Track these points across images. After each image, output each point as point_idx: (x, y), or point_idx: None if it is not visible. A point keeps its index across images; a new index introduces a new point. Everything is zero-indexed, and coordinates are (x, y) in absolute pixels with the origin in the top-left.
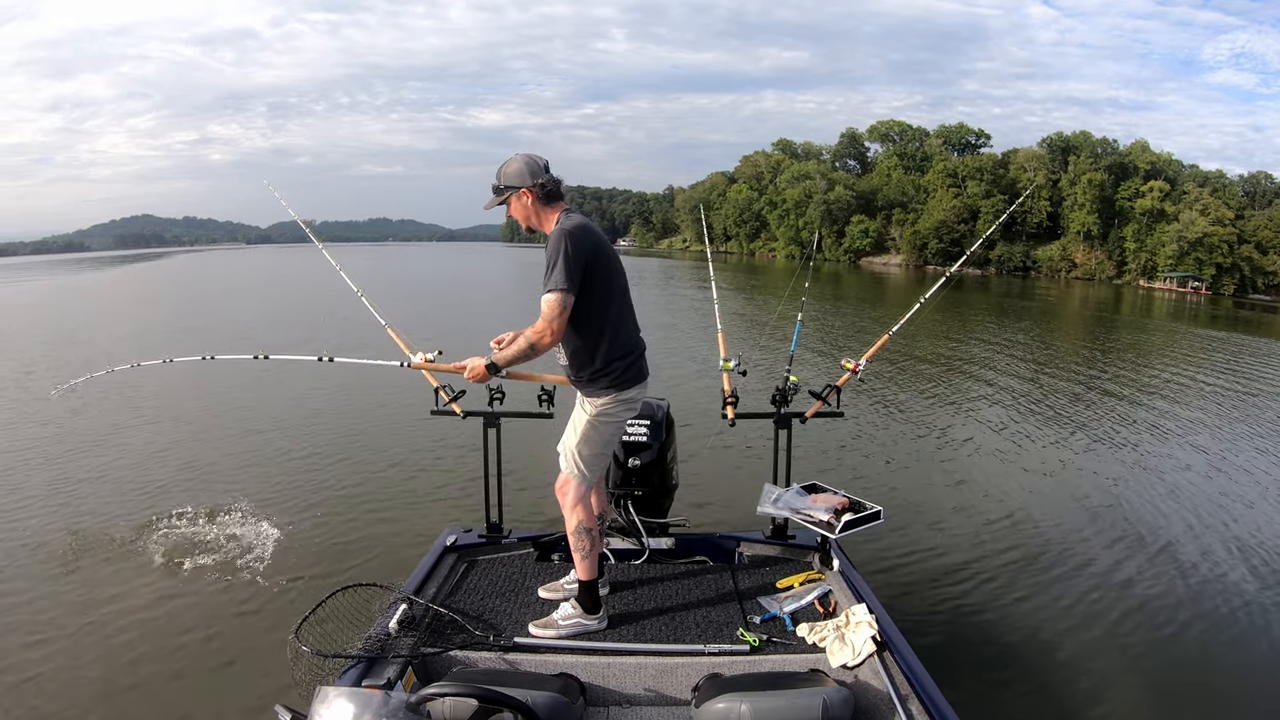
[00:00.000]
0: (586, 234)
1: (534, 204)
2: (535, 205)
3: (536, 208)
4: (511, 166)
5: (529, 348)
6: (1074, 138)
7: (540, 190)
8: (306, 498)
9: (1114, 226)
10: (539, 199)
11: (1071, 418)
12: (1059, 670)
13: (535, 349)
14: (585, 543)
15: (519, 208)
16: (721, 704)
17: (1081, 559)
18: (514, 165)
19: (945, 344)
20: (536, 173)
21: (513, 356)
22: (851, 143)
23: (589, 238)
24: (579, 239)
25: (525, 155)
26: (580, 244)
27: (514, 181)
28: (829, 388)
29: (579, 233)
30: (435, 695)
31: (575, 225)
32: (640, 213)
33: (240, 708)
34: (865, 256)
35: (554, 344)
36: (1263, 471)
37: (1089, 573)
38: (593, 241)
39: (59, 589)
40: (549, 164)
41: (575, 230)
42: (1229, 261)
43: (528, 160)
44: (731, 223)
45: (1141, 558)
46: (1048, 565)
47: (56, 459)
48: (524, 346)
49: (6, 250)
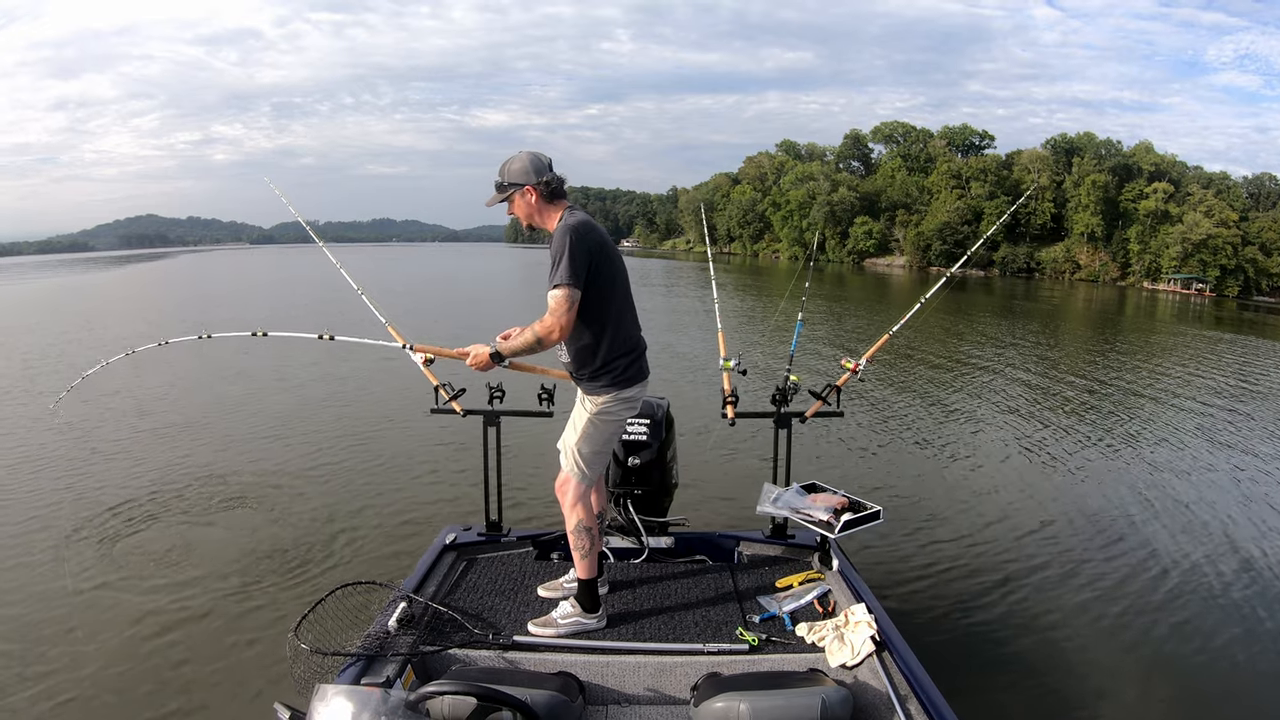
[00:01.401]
0: (590, 231)
1: (538, 201)
2: (539, 203)
3: (540, 205)
4: (516, 164)
5: (536, 341)
6: (1078, 139)
7: (544, 188)
8: (306, 496)
9: (1118, 228)
10: (543, 197)
11: (1072, 418)
12: (1059, 670)
13: (542, 343)
14: (585, 541)
15: (522, 205)
16: (720, 703)
17: (1081, 559)
18: (518, 162)
19: (946, 345)
20: (541, 170)
21: (519, 348)
22: (855, 144)
23: (593, 235)
24: (583, 235)
25: (529, 153)
26: (584, 240)
27: (518, 179)
28: (829, 387)
29: (583, 229)
30: (434, 693)
31: (579, 222)
32: (644, 214)
33: (239, 705)
34: (869, 258)
35: (561, 339)
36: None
37: (1089, 573)
38: (596, 239)
39: (59, 588)
40: (552, 162)
41: (579, 227)
42: (1233, 263)
43: (532, 158)
44: (735, 224)
45: (1141, 558)
46: (1047, 565)
47: (51, 460)
48: (530, 339)
49: (11, 250)
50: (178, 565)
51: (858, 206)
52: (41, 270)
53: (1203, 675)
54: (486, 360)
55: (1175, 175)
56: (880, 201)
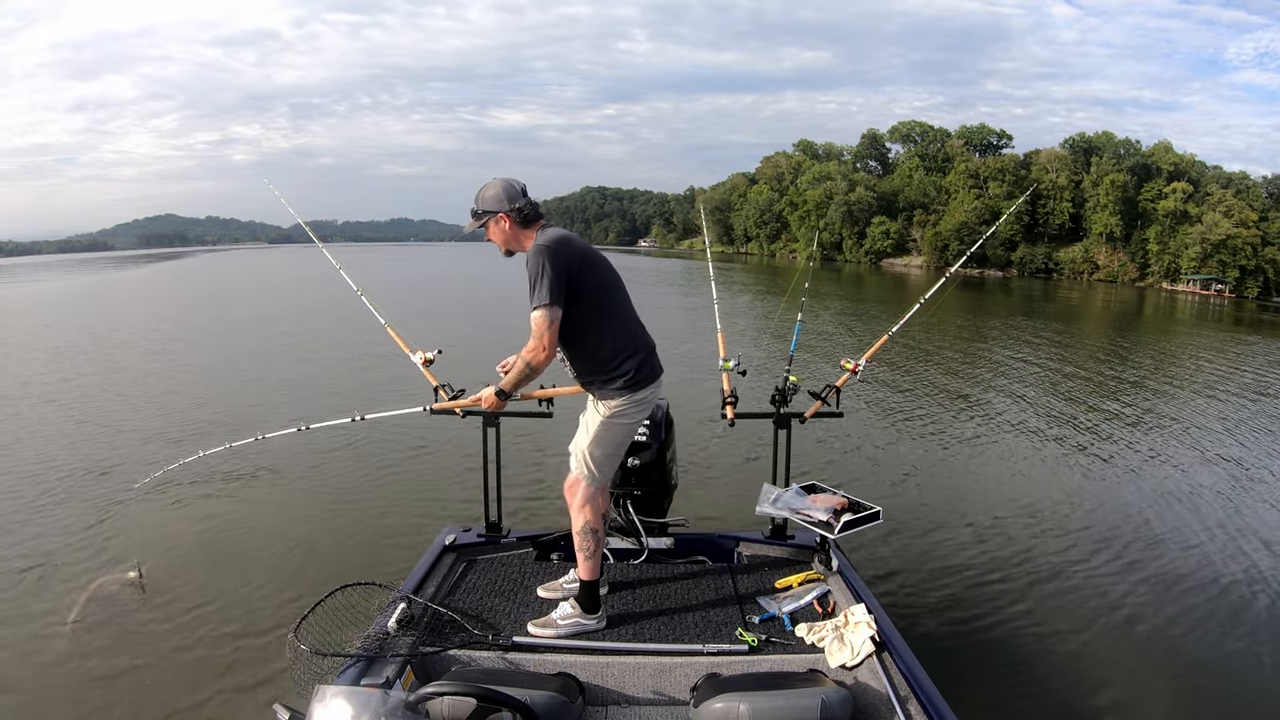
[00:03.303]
0: (564, 245)
1: (511, 228)
2: (513, 229)
3: (514, 231)
4: (489, 191)
5: (527, 367)
6: (1097, 138)
7: (518, 215)
8: (306, 496)
9: (1137, 228)
10: (516, 223)
11: (1076, 420)
12: (1059, 671)
13: (533, 366)
14: (590, 543)
15: (497, 232)
16: (720, 704)
17: (1081, 559)
18: (491, 190)
19: (952, 346)
20: (514, 197)
21: (515, 379)
22: (873, 143)
23: (566, 248)
24: (555, 252)
25: (502, 180)
26: (557, 256)
27: (491, 206)
28: (828, 388)
29: (555, 246)
30: (434, 694)
31: (551, 240)
32: (661, 214)
33: (239, 706)
34: (886, 258)
35: (549, 358)
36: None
37: (1090, 573)
38: (571, 250)
39: (56, 587)
40: (526, 188)
41: (551, 244)
42: (1253, 264)
43: (505, 185)
44: (752, 224)
45: (1143, 559)
46: (1048, 566)
47: (48, 452)
48: (523, 368)
49: (31, 249)
50: (175, 564)
51: (875, 206)
52: (68, 270)
53: (1203, 676)
54: (496, 400)
55: (1194, 175)
56: (898, 201)
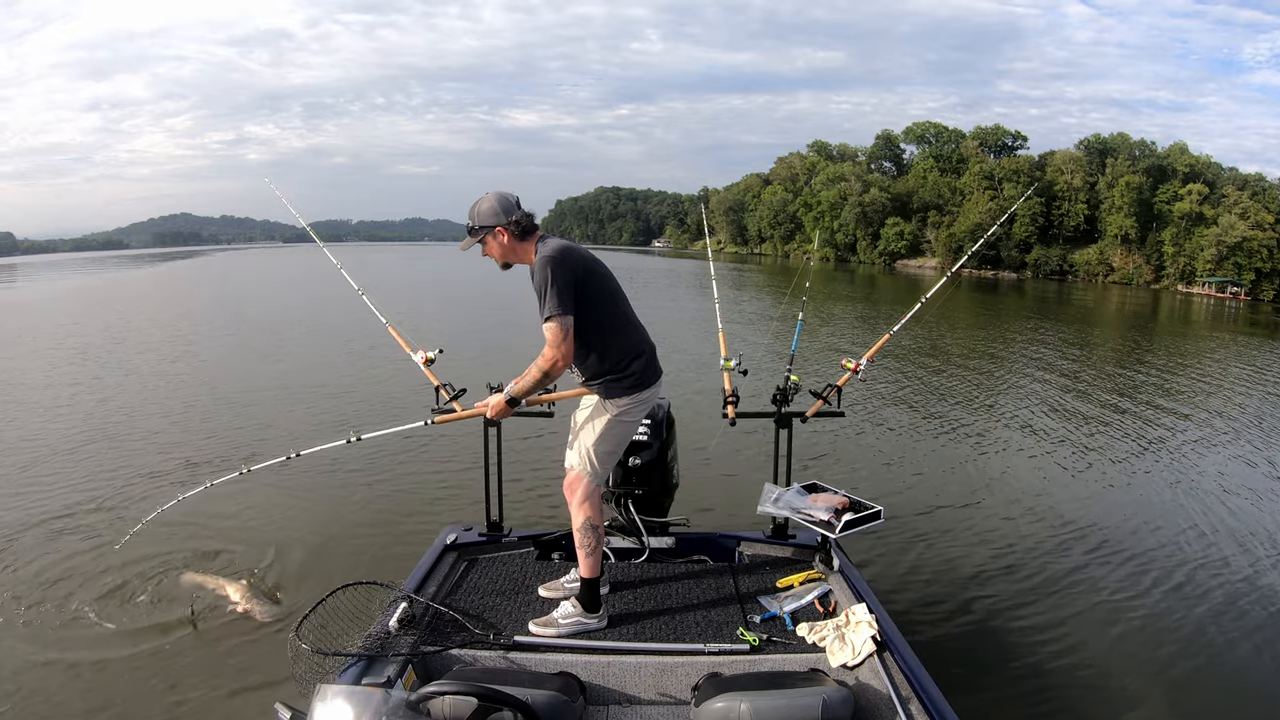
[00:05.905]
0: (568, 254)
1: (510, 241)
2: (511, 242)
3: (513, 244)
4: (484, 205)
5: (542, 375)
6: (1112, 139)
7: (515, 227)
8: (307, 495)
9: (1152, 230)
10: (514, 236)
11: (1079, 421)
12: (1060, 670)
13: (549, 375)
14: (590, 540)
15: (495, 246)
16: (721, 703)
17: (1084, 560)
18: (486, 204)
19: (961, 346)
20: (510, 210)
21: (528, 387)
22: (887, 144)
23: (571, 257)
24: (561, 262)
25: (495, 193)
26: (563, 266)
27: (488, 220)
28: (830, 387)
29: (560, 256)
30: (435, 693)
31: (555, 250)
32: (675, 214)
33: (240, 705)
34: (900, 259)
35: (565, 366)
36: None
37: (1091, 573)
38: (575, 259)
39: (55, 586)
40: (520, 199)
41: (556, 255)
42: (1269, 266)
43: (499, 198)
44: (766, 224)
45: (1145, 560)
46: (1049, 566)
47: (52, 464)
48: (537, 376)
49: (47, 248)
50: (175, 564)
51: (889, 207)
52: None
53: (1204, 676)
54: (504, 408)
55: (1210, 176)
56: (912, 202)
